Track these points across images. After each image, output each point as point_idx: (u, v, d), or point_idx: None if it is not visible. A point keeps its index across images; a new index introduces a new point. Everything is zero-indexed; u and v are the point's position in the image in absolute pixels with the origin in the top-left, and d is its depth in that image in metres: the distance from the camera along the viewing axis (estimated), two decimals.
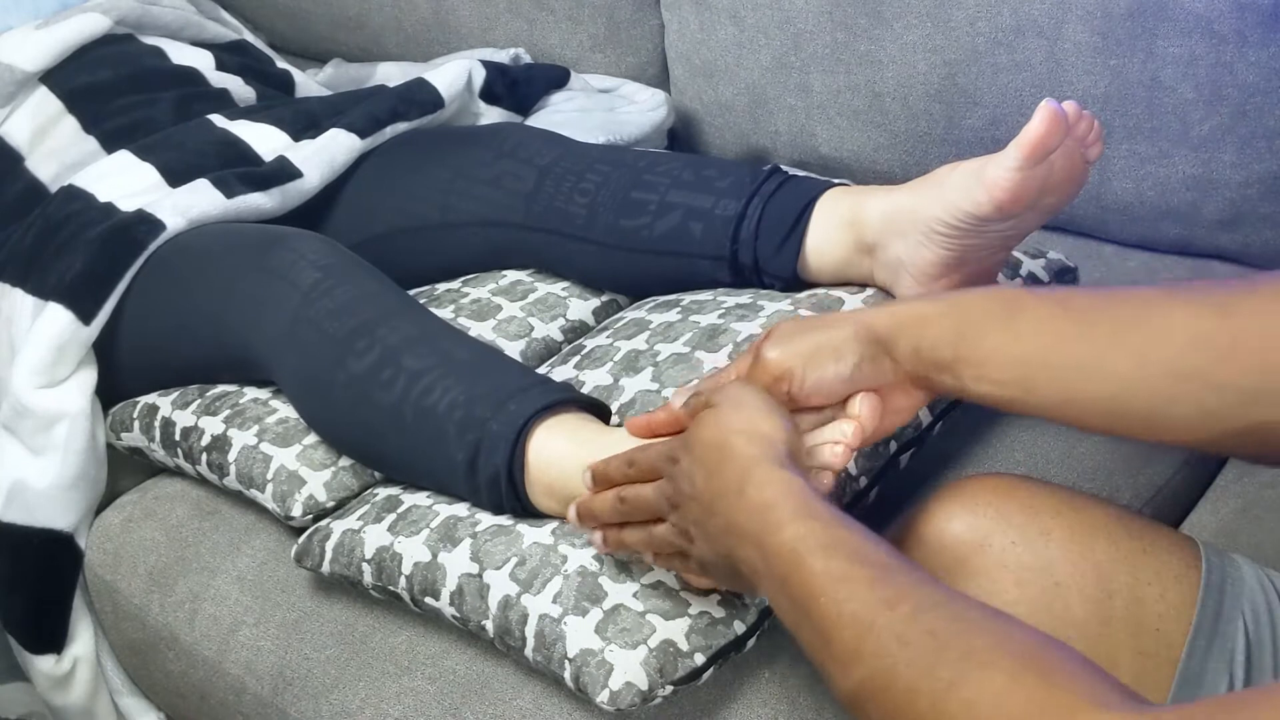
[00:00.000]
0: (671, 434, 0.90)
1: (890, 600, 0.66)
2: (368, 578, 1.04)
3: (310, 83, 1.75)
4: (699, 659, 0.91)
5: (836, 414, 0.87)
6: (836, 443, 0.84)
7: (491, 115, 1.54)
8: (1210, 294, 0.78)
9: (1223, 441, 0.78)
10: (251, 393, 1.22)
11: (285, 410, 1.19)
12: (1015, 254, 1.21)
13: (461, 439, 1.01)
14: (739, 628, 0.93)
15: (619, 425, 1.03)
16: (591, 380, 1.10)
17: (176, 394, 1.26)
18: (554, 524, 0.99)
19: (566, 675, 0.92)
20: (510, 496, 1.00)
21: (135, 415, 1.27)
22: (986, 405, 0.84)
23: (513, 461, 0.99)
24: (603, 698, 0.89)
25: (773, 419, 0.81)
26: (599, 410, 1.04)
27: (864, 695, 0.66)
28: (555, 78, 1.61)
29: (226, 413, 1.20)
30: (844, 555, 0.70)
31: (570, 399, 1.02)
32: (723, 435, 0.80)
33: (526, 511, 1.01)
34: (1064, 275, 1.24)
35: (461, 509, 1.03)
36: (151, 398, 1.27)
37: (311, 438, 1.16)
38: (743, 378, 0.88)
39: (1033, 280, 1.20)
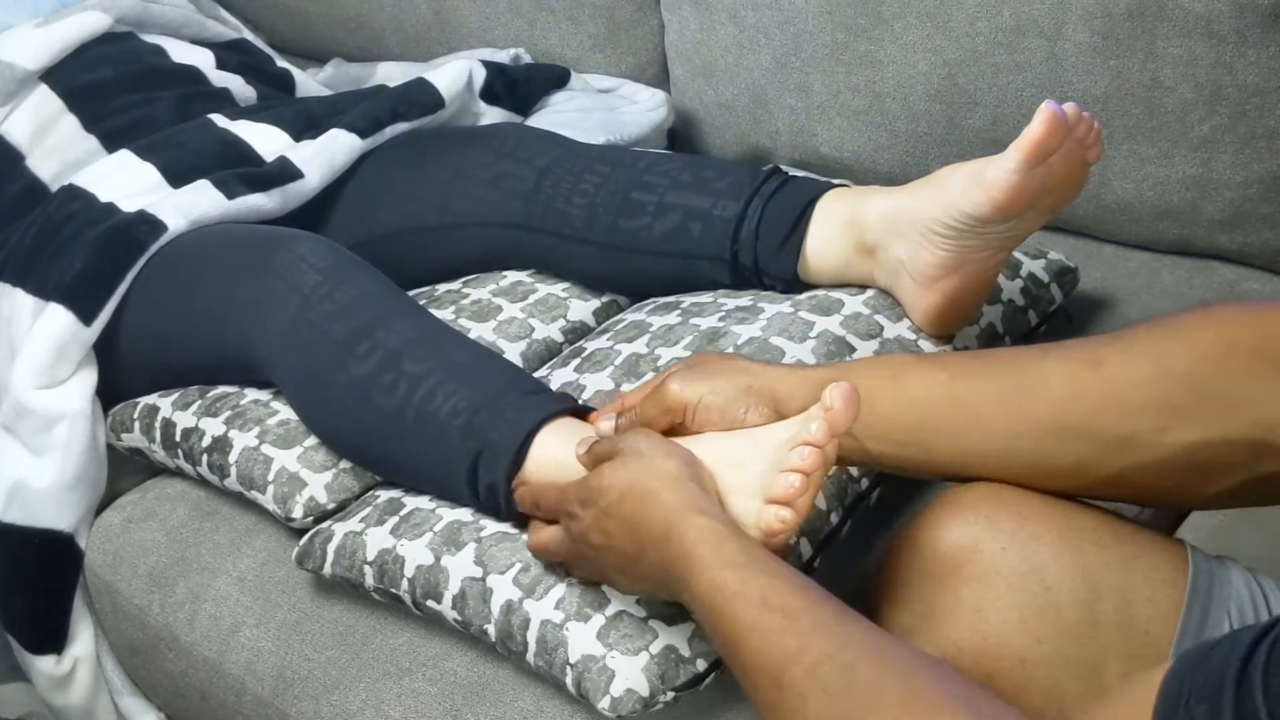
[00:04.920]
0: None
1: (795, 653, 0.71)
2: (370, 580, 1.04)
3: (310, 82, 1.75)
4: (701, 665, 0.91)
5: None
6: (805, 443, 0.83)
7: (492, 115, 1.54)
8: (1083, 349, 0.84)
9: (1098, 489, 0.85)
10: (252, 394, 1.22)
11: (286, 412, 1.18)
12: (1016, 255, 1.21)
13: (463, 446, 1.01)
14: None
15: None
16: (593, 384, 1.10)
17: (177, 395, 1.26)
18: None
19: (568, 681, 0.92)
20: (508, 507, 1.00)
21: (136, 416, 1.27)
22: (884, 467, 0.90)
23: (512, 474, 0.99)
24: (604, 704, 0.89)
25: (673, 458, 0.86)
26: None
27: None
28: (555, 78, 1.61)
29: (227, 414, 1.20)
30: (754, 603, 0.74)
31: (570, 408, 1.02)
32: (642, 484, 0.84)
33: (523, 523, 1.00)
34: (1064, 275, 1.24)
35: (465, 514, 1.03)
36: (152, 398, 1.27)
37: (313, 439, 1.15)
38: (637, 405, 0.94)
39: (1033, 282, 1.21)
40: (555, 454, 0.98)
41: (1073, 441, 0.83)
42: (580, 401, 1.06)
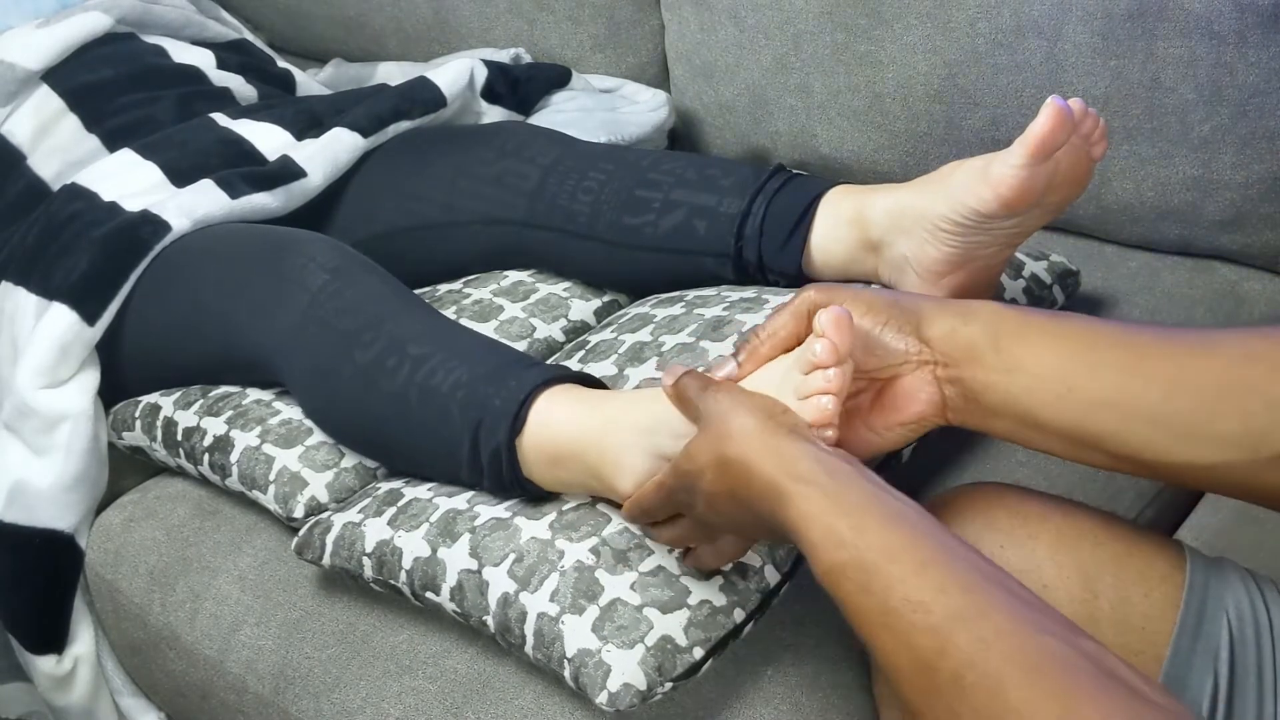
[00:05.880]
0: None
1: (933, 655, 0.65)
2: (368, 571, 1.04)
3: (311, 82, 1.75)
4: (697, 653, 0.91)
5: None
6: (817, 367, 0.80)
7: (493, 114, 1.55)
8: (1253, 329, 0.77)
9: (1264, 473, 0.75)
10: (254, 394, 1.22)
11: (288, 411, 1.19)
12: (1017, 255, 1.21)
13: (465, 417, 1.01)
14: (739, 615, 0.93)
15: None
16: (597, 372, 1.10)
17: (179, 394, 1.26)
18: (552, 516, 0.99)
19: (566, 675, 0.92)
20: (510, 473, 1.00)
21: (137, 415, 1.27)
22: (1013, 419, 0.81)
23: (513, 436, 0.99)
24: (601, 699, 0.89)
25: (753, 414, 0.79)
26: (600, 389, 1.04)
27: None
28: (557, 77, 1.61)
29: (229, 413, 1.20)
30: (878, 594, 0.68)
31: (571, 375, 1.02)
32: (730, 454, 0.78)
33: (526, 491, 1.01)
34: (1066, 279, 1.24)
35: (461, 502, 1.03)
36: (154, 397, 1.27)
37: (314, 438, 1.16)
38: (780, 317, 0.87)
39: (1035, 283, 1.21)
40: (556, 417, 0.98)
41: (1243, 403, 0.74)
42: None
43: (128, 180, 1.34)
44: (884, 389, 0.85)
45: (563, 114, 1.56)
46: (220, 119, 1.44)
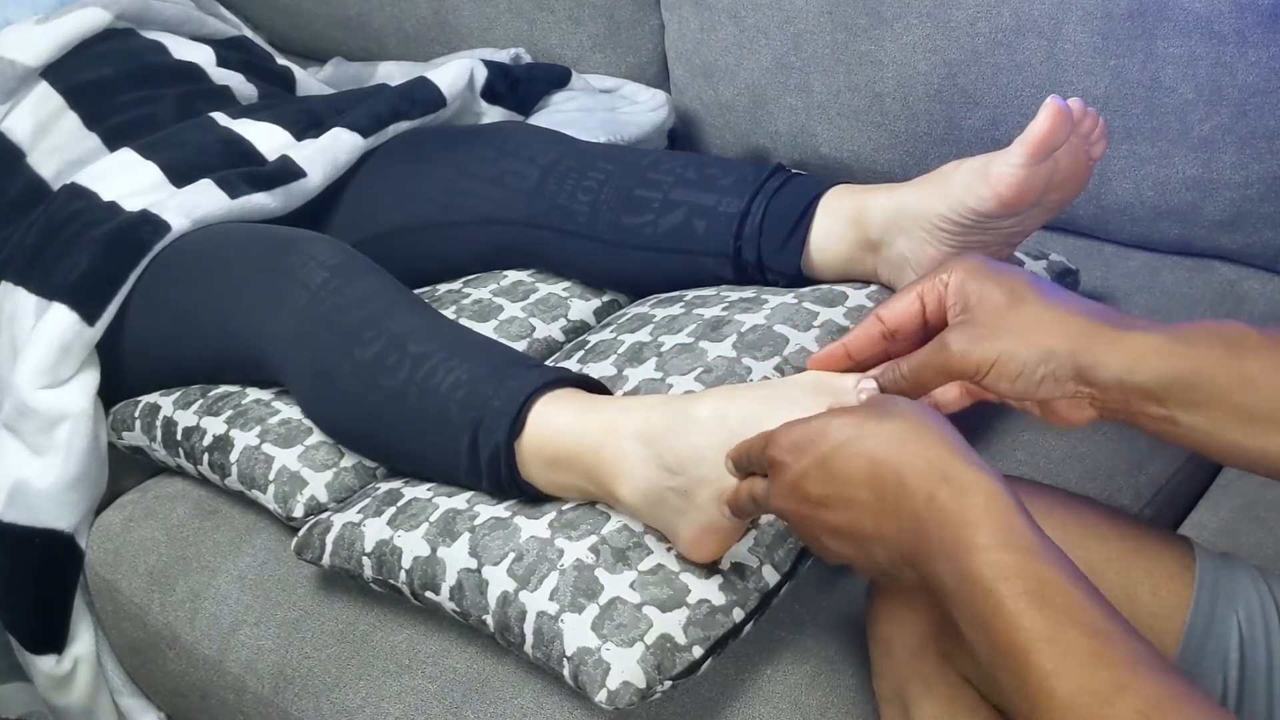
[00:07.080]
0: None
1: (1109, 691, 0.59)
2: (368, 571, 1.04)
3: (311, 81, 1.75)
4: (697, 651, 0.90)
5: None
6: None
7: (493, 114, 1.55)
8: None
9: None
10: (254, 393, 1.22)
11: (287, 411, 1.19)
12: (1017, 254, 1.21)
13: (464, 416, 1.01)
14: (738, 615, 0.93)
15: None
16: (596, 372, 1.10)
17: (178, 394, 1.26)
18: (551, 515, 0.98)
19: (565, 673, 0.92)
20: (509, 475, 1.00)
21: (137, 414, 1.27)
22: (1185, 440, 0.77)
23: (512, 437, 0.99)
24: (600, 697, 0.89)
25: (916, 408, 0.75)
26: (602, 392, 1.04)
27: None
28: (556, 77, 1.61)
29: (229, 413, 1.20)
30: (1051, 610, 0.63)
31: (573, 378, 1.02)
32: (880, 427, 0.73)
33: (524, 492, 1.01)
34: (1065, 278, 1.24)
35: (460, 501, 1.03)
36: (153, 397, 1.27)
37: (314, 438, 1.16)
38: (917, 363, 0.83)
39: None
40: (556, 420, 0.97)
41: None
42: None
43: (127, 180, 1.34)
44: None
45: (563, 114, 1.56)
46: (220, 118, 1.44)
